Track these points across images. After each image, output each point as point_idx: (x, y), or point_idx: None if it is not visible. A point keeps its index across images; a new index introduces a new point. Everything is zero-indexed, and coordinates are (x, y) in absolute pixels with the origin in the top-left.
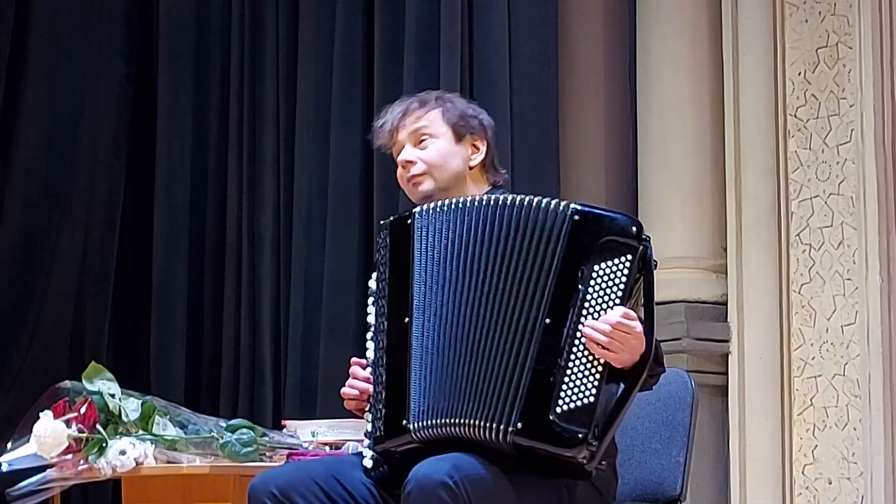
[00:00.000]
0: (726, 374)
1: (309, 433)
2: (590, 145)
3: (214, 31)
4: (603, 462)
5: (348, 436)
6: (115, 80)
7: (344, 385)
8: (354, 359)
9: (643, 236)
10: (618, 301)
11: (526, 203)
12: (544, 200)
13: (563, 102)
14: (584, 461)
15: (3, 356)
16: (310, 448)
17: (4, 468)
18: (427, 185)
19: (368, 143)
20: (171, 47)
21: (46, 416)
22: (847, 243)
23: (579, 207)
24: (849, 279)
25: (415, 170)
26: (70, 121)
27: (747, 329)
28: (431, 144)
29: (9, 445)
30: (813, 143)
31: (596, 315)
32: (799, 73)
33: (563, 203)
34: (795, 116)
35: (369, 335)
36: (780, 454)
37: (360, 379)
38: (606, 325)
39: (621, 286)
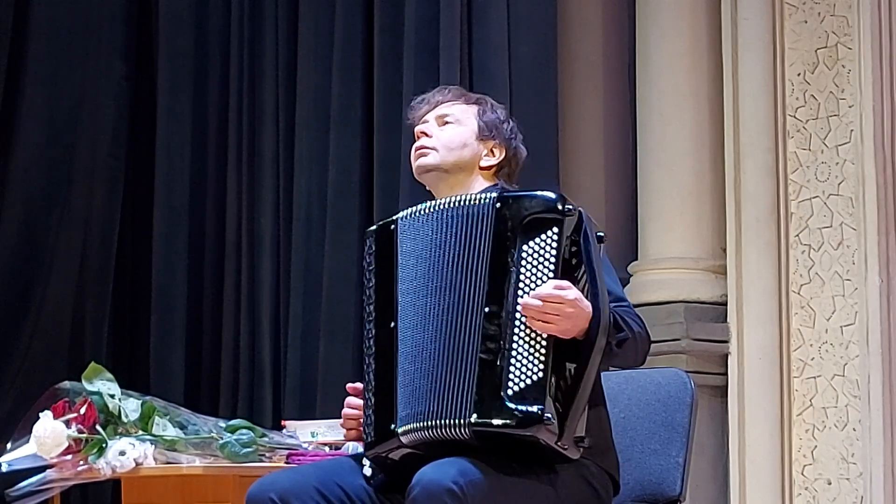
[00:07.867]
0: (726, 374)
1: (308, 433)
2: (590, 145)
3: (214, 31)
4: (584, 441)
5: None
6: (114, 80)
7: (343, 386)
8: (349, 385)
9: (567, 207)
10: (550, 275)
11: (460, 201)
12: (473, 195)
13: (563, 102)
14: (549, 440)
15: (3, 356)
16: (309, 448)
17: (4, 468)
18: (429, 160)
19: (368, 143)
20: (171, 47)
21: (46, 417)
22: (846, 244)
23: (502, 195)
24: (848, 280)
25: (425, 141)
26: (70, 121)
27: (747, 329)
28: (451, 128)
29: (8, 446)
30: (812, 144)
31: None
32: (798, 74)
33: (487, 194)
34: (795, 117)
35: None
36: (779, 455)
37: (353, 407)
38: (537, 299)
39: (552, 259)
